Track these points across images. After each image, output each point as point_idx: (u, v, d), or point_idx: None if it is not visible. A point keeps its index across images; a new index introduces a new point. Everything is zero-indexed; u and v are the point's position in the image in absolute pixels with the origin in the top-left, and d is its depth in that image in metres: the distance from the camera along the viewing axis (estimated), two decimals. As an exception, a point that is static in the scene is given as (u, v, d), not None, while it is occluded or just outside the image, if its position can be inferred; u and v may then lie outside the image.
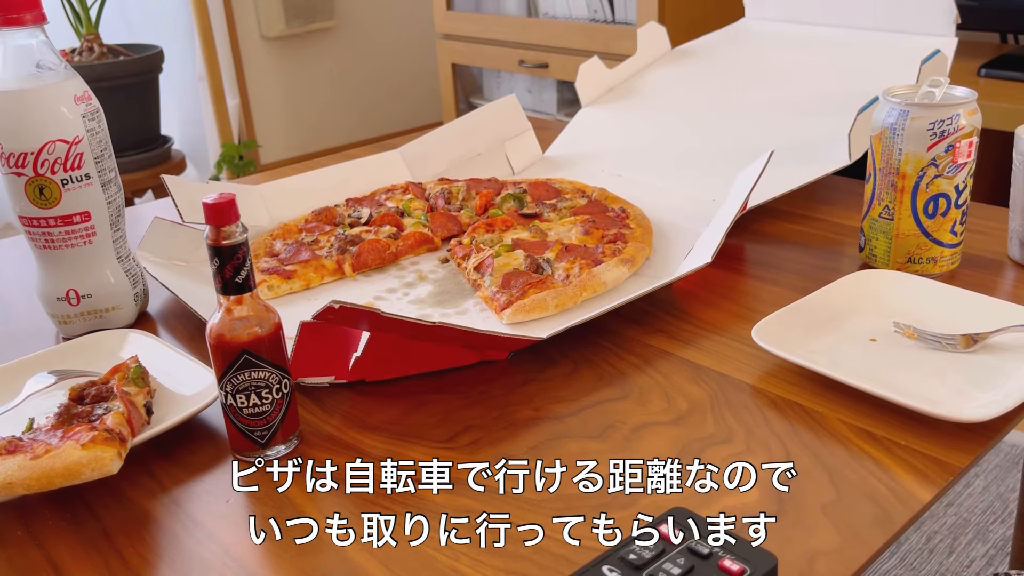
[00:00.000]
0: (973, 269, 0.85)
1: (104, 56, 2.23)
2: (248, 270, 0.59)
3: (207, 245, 0.58)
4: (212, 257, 0.58)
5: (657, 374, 0.71)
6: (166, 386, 0.70)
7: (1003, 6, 1.78)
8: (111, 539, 0.57)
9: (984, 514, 1.54)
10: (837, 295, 0.77)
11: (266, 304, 0.61)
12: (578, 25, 2.37)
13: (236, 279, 0.58)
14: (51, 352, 0.76)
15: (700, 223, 0.90)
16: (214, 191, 0.61)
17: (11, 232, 2.72)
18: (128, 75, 2.24)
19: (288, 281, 0.87)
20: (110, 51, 2.26)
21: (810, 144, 1.03)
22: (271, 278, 0.87)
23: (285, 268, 0.89)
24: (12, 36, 0.73)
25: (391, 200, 1.03)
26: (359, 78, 3.39)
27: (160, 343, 0.76)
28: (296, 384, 0.66)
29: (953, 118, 0.78)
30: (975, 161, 0.81)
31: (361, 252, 0.91)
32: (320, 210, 1.01)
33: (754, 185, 0.84)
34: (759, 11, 1.34)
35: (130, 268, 0.83)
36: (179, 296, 0.84)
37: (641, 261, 0.85)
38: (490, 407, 0.68)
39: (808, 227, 0.98)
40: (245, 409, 0.60)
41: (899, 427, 0.62)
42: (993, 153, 1.48)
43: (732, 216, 0.82)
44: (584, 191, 1.02)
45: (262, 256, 0.92)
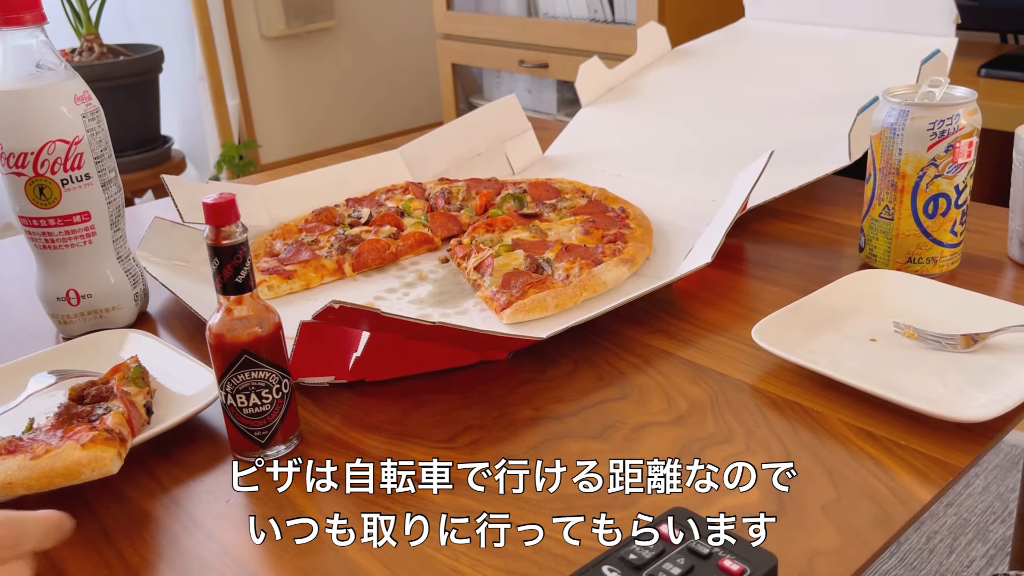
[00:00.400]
0: (973, 269, 0.85)
1: (104, 56, 2.23)
2: (248, 270, 0.59)
3: (207, 245, 0.58)
4: (212, 257, 0.58)
5: (657, 374, 0.71)
6: (166, 386, 0.70)
7: (1003, 6, 1.78)
8: (111, 539, 0.57)
9: (984, 514, 1.54)
10: (837, 295, 0.77)
11: (266, 304, 0.61)
12: (578, 25, 2.38)
13: (236, 279, 0.58)
14: (51, 352, 0.76)
15: (700, 223, 0.90)
16: (214, 191, 0.61)
17: (11, 232, 2.72)
18: (128, 75, 2.24)
19: (288, 281, 0.87)
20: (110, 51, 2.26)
21: (810, 144, 1.03)
22: (271, 278, 0.87)
23: (285, 268, 0.89)
24: (12, 36, 0.73)
25: (391, 200, 1.03)
26: (359, 78, 3.39)
27: (160, 343, 0.76)
28: (296, 384, 0.66)
29: (953, 118, 0.78)
30: (975, 161, 0.81)
31: (361, 252, 0.91)
32: (320, 210, 1.01)
33: (754, 185, 0.83)
34: (759, 11, 1.34)
35: (130, 268, 0.83)
36: (179, 296, 0.84)
37: (641, 261, 0.85)
38: (490, 407, 0.68)
39: (808, 227, 0.98)
40: (245, 409, 0.60)
41: (899, 427, 0.62)
42: (993, 153, 1.48)
43: (732, 216, 0.82)
44: (584, 191, 1.02)
45: (262, 256, 0.92)
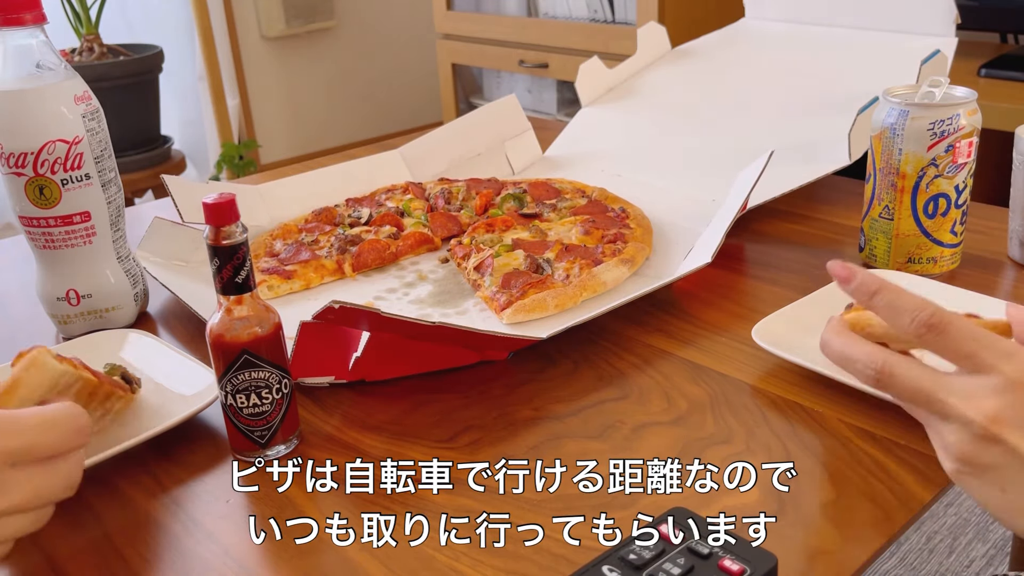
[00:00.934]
0: (973, 269, 0.85)
1: (104, 56, 2.23)
2: (248, 270, 0.59)
3: (207, 245, 0.58)
4: (212, 257, 0.58)
5: (657, 374, 0.71)
6: (166, 386, 0.70)
7: (1003, 6, 1.78)
8: (112, 540, 0.57)
9: (984, 514, 1.54)
10: (837, 295, 0.77)
11: (266, 304, 0.61)
12: (578, 25, 2.38)
13: (236, 279, 0.58)
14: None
15: (700, 223, 0.90)
16: (214, 191, 0.61)
17: (11, 232, 2.72)
18: (128, 75, 2.24)
19: (288, 281, 0.87)
20: (110, 51, 2.26)
21: (810, 144, 1.03)
22: (271, 278, 0.87)
23: (285, 268, 0.89)
24: (12, 36, 0.73)
25: (391, 200, 1.03)
26: (359, 78, 3.40)
27: (160, 343, 0.76)
28: (296, 384, 0.66)
29: (953, 118, 0.78)
30: (975, 161, 0.81)
31: (360, 252, 0.91)
32: (320, 210, 1.01)
33: (754, 185, 0.84)
34: (759, 11, 1.34)
35: (130, 268, 0.83)
36: (179, 296, 0.84)
37: (641, 261, 0.85)
38: (490, 407, 0.68)
39: (808, 227, 0.98)
40: (245, 409, 0.60)
41: (899, 427, 0.62)
42: (993, 153, 1.48)
43: (732, 216, 0.82)
44: (584, 191, 1.02)
45: (262, 256, 0.92)
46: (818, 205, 1.03)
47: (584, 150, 1.21)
